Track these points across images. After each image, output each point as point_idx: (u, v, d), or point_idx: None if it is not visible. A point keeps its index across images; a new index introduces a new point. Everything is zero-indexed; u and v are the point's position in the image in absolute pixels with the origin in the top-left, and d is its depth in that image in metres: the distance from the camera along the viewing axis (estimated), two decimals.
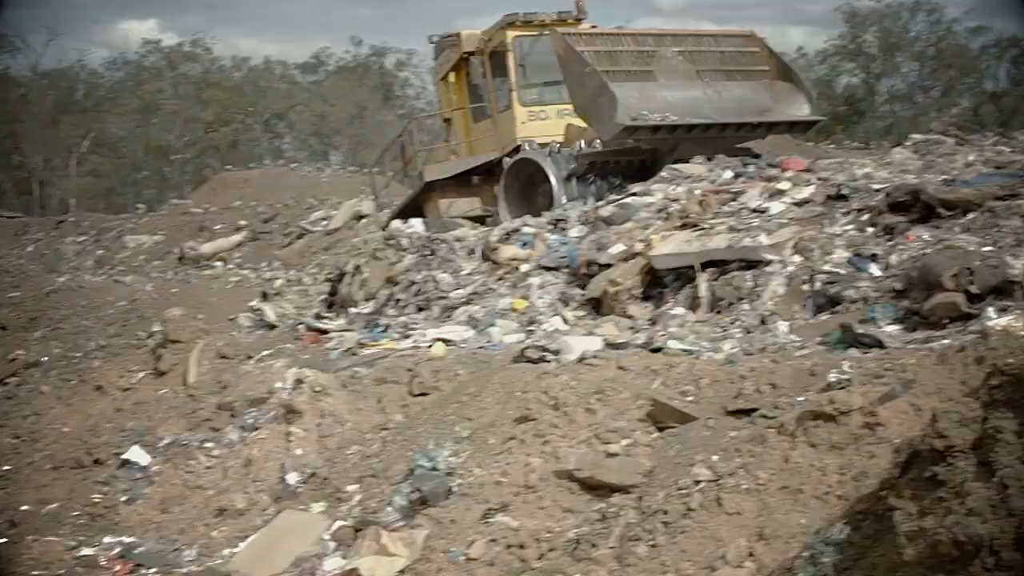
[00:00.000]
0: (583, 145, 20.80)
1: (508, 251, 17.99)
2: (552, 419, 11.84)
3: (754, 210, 16.64)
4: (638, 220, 17.13)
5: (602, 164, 20.79)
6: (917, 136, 23.71)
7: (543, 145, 21.29)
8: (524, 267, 17.43)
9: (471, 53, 22.92)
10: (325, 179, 39.22)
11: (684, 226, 16.32)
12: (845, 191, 16.58)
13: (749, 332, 13.60)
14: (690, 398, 11.50)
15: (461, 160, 23.37)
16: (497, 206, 21.58)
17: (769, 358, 11.92)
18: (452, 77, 23.73)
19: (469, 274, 18.12)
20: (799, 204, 16.63)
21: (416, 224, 20.70)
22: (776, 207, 16.50)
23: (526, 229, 18.59)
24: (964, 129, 31.48)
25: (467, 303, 17.15)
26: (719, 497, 9.49)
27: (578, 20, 22.41)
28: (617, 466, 10.82)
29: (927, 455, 6.98)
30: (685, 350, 12.96)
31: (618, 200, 18.52)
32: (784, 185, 17.36)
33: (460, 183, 23.03)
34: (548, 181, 20.64)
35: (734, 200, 17.24)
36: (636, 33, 22.29)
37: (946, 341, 11.30)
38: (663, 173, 19.48)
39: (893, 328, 12.62)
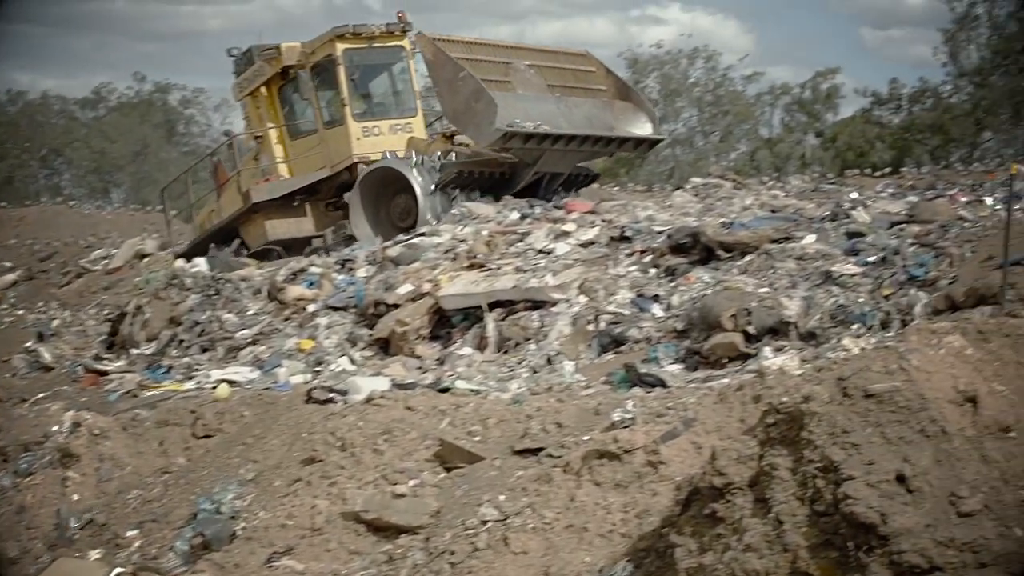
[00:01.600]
0: (442, 156, 20.51)
1: (295, 291, 17.79)
2: (339, 460, 11.72)
3: (540, 251, 16.86)
4: (426, 260, 17.16)
5: (467, 175, 20.57)
6: (697, 180, 24.35)
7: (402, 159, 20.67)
8: (311, 307, 17.25)
9: (290, 67, 22.08)
10: (108, 217, 38.23)
11: (472, 266, 16.42)
12: (628, 233, 16.94)
13: (536, 372, 13.72)
14: (477, 438, 11.52)
15: (291, 179, 22.39)
16: (350, 221, 20.92)
17: (555, 397, 12.04)
18: (264, 92, 22.78)
19: (255, 314, 17.85)
20: (584, 245, 16.93)
21: (200, 263, 20.28)
22: (562, 248, 16.76)
23: (313, 269, 18.42)
24: (741, 173, 32.50)
25: (253, 343, 16.88)
26: (506, 536, 9.51)
27: (404, 32, 21.96)
28: (404, 507, 10.76)
29: (707, 492, 7.13)
30: (473, 390, 12.99)
31: (406, 240, 18.52)
32: (569, 227, 17.65)
33: (284, 204, 22.17)
34: (405, 192, 20.18)
35: (521, 241, 17.45)
36: (489, 43, 21.87)
37: (725, 380, 11.61)
38: (453, 211, 19.54)
39: (675, 367, 12.91)
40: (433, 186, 20.16)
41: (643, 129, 21.79)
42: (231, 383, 15.21)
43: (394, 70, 22.57)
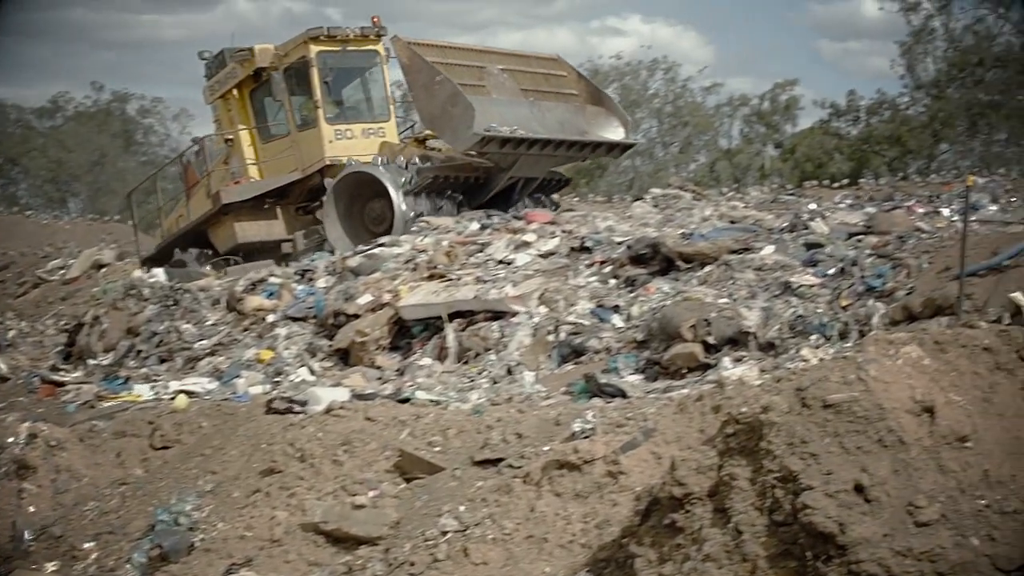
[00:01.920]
0: (417, 161, 20.39)
1: (254, 301, 17.72)
2: (298, 471, 11.68)
3: (500, 261, 16.87)
4: (386, 271, 17.12)
5: (443, 180, 20.48)
6: (657, 191, 24.46)
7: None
8: (270, 317, 17.19)
9: (263, 69, 21.88)
10: (65, 226, 38.01)
11: (432, 277, 16.40)
12: (589, 243, 16.97)
13: (496, 382, 13.72)
14: (437, 448, 11.50)
15: (262, 181, 22.22)
16: (323, 225, 20.77)
17: (515, 408, 12.04)
18: (236, 94, 22.58)
19: (213, 324, 17.78)
20: (544, 256, 16.95)
21: (158, 274, 20.17)
22: (522, 259, 16.77)
23: (272, 279, 18.34)
24: (701, 184, 32.68)
25: (211, 354, 16.81)
26: (466, 547, 9.50)
27: (378, 36, 21.87)
28: (364, 518, 10.73)
29: (666, 502, 7.15)
30: (433, 400, 12.97)
31: (366, 251, 18.47)
32: (529, 237, 17.66)
33: (254, 206, 21.99)
34: (379, 197, 20.05)
35: (481, 251, 17.45)
36: (463, 48, 21.82)
37: (685, 390, 11.63)
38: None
39: (635, 378, 12.93)
40: (408, 191, 20.07)
41: (615, 133, 21.80)
42: (189, 394, 15.13)
43: (368, 74, 22.49)
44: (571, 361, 13.97)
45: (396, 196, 19.95)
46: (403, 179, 20.14)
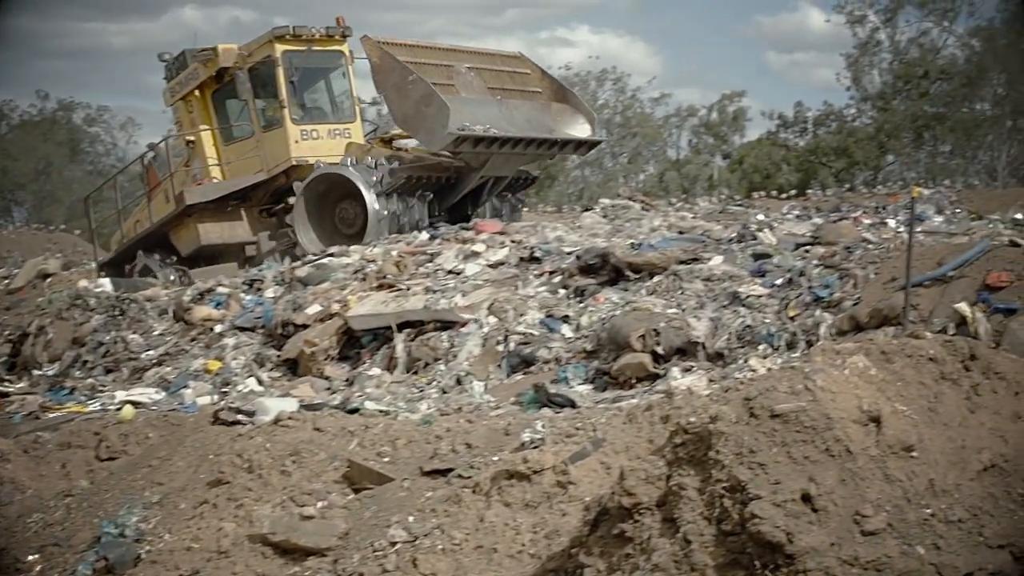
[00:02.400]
0: (385, 161, 20.26)
1: (202, 311, 17.61)
2: (246, 482, 11.60)
3: (450, 271, 16.86)
4: (335, 281, 17.08)
5: (416, 180, 20.35)
6: (606, 201, 24.56)
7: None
8: (218, 327, 17.09)
9: (226, 69, 21.68)
10: (10, 236, 37.68)
11: (381, 287, 16.37)
12: (538, 253, 17.00)
13: (445, 392, 13.71)
14: (387, 459, 11.46)
15: (228, 181, 22.02)
16: (294, 228, 20.65)
17: (465, 418, 12.02)
18: (197, 95, 22.37)
19: (160, 335, 17.66)
20: (494, 266, 16.96)
21: (105, 283, 20.01)
22: (471, 268, 16.77)
23: (220, 289, 18.25)
24: (650, 195, 32.83)
25: (158, 364, 16.70)
26: (415, 558, 9.46)
27: (344, 37, 21.78)
28: (312, 529, 10.67)
29: (615, 512, 7.15)
30: (382, 411, 12.94)
31: (314, 260, 18.42)
32: (479, 247, 17.67)
33: (217, 208, 21.76)
34: (349, 199, 19.89)
35: (430, 261, 17.44)
36: (431, 46, 21.63)
37: (634, 400, 11.67)
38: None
39: (584, 388, 12.95)
40: (381, 191, 19.97)
41: (582, 131, 21.79)
42: (136, 404, 15.01)
43: (333, 75, 22.38)
44: (521, 371, 13.97)
45: (369, 197, 19.85)
46: (374, 179, 20.03)
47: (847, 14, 50.01)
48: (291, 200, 21.08)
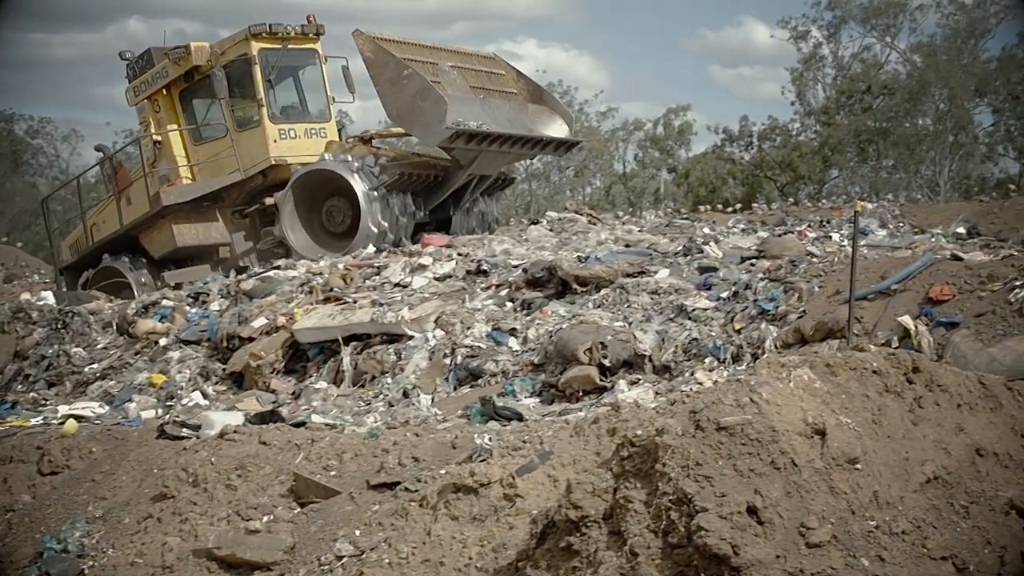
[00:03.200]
0: (372, 159, 20.11)
1: (146, 324, 17.48)
2: (191, 496, 11.52)
3: (397, 284, 16.84)
4: (281, 293, 17.02)
5: (407, 178, 20.21)
6: (553, 214, 24.59)
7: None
8: (163, 341, 16.98)
9: (198, 67, 21.40)
10: None
11: (327, 300, 16.32)
12: (485, 266, 17.02)
13: (392, 405, 13.67)
14: (333, 472, 11.41)
15: (205, 181, 21.66)
16: (281, 228, 20.45)
17: (411, 431, 11.99)
18: (165, 95, 22.03)
19: (104, 348, 17.52)
20: (440, 279, 16.95)
21: (47, 296, 19.80)
22: (418, 281, 16.75)
23: (165, 302, 18.13)
24: (596, 208, 32.89)
25: (102, 378, 16.56)
26: (361, 572, 9.43)
27: (317, 35, 21.62)
28: (258, 543, 10.61)
29: (562, 525, 7.16)
30: (328, 424, 12.88)
31: (260, 273, 18.33)
32: (426, 260, 17.66)
33: (192, 209, 21.45)
34: (337, 196, 19.74)
35: (377, 274, 17.41)
36: (416, 43, 21.48)
37: (581, 413, 11.68)
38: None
39: (531, 400, 12.95)
40: (374, 190, 19.85)
41: (560, 131, 21.86)
42: (79, 419, 14.86)
43: (307, 74, 22.26)
44: (468, 384, 13.97)
45: (362, 196, 19.76)
46: (368, 178, 19.97)
47: (791, 29, 50.48)
48: (267, 200, 20.88)
